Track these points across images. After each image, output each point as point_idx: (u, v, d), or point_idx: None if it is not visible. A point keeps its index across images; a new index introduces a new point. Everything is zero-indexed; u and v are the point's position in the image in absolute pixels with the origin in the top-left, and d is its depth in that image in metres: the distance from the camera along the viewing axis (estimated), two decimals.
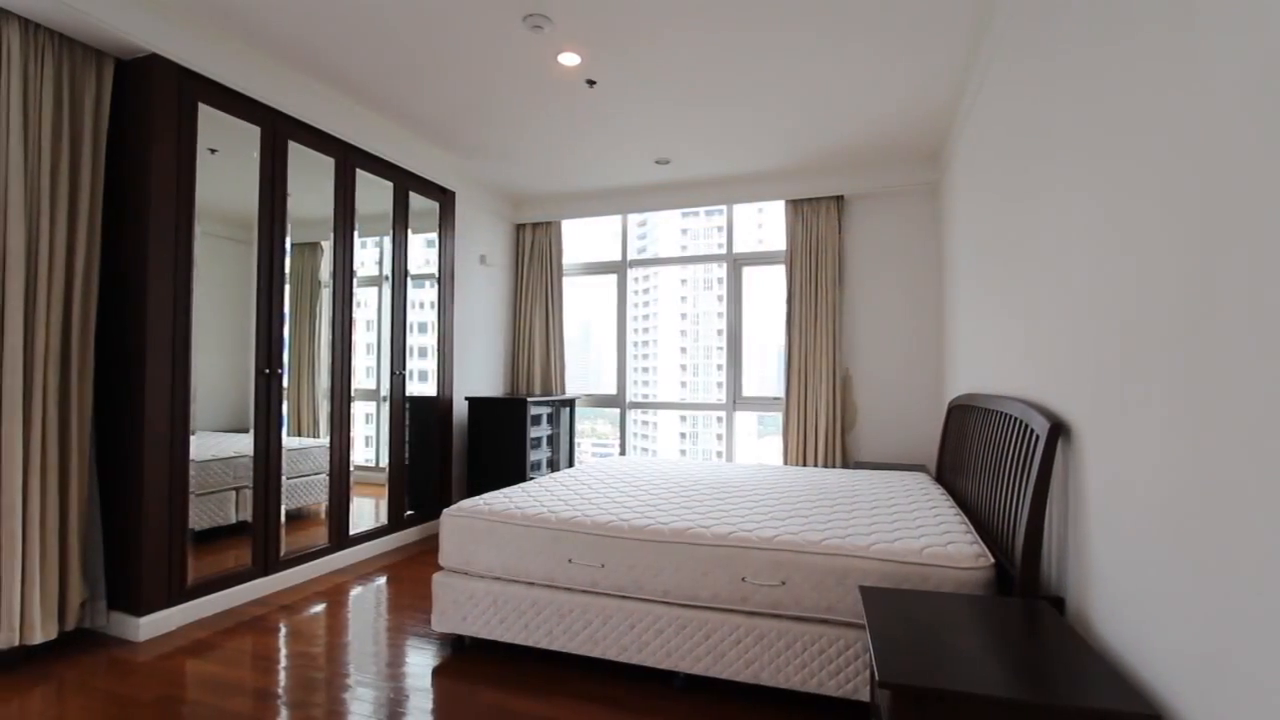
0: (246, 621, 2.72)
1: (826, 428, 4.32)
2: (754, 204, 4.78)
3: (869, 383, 4.44)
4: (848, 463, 4.41)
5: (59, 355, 2.38)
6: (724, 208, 4.93)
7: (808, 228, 4.47)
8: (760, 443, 5.26)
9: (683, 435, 6.18)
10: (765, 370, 5.25)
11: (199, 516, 2.77)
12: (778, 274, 4.76)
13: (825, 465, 4.32)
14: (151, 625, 2.54)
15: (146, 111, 2.55)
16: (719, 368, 5.24)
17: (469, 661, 2.37)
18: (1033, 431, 1.81)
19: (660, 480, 3.06)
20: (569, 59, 2.88)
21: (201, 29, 2.68)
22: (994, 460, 2.21)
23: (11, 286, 2.23)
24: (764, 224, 5.27)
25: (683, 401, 5.71)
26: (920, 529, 2.14)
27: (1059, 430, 1.67)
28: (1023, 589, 1.66)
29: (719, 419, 5.06)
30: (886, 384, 4.40)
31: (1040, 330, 1.96)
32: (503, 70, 3.02)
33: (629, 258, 5.34)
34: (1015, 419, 2.02)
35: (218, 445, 2.92)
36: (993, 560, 1.86)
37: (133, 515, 2.53)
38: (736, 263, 4.91)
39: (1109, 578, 1.42)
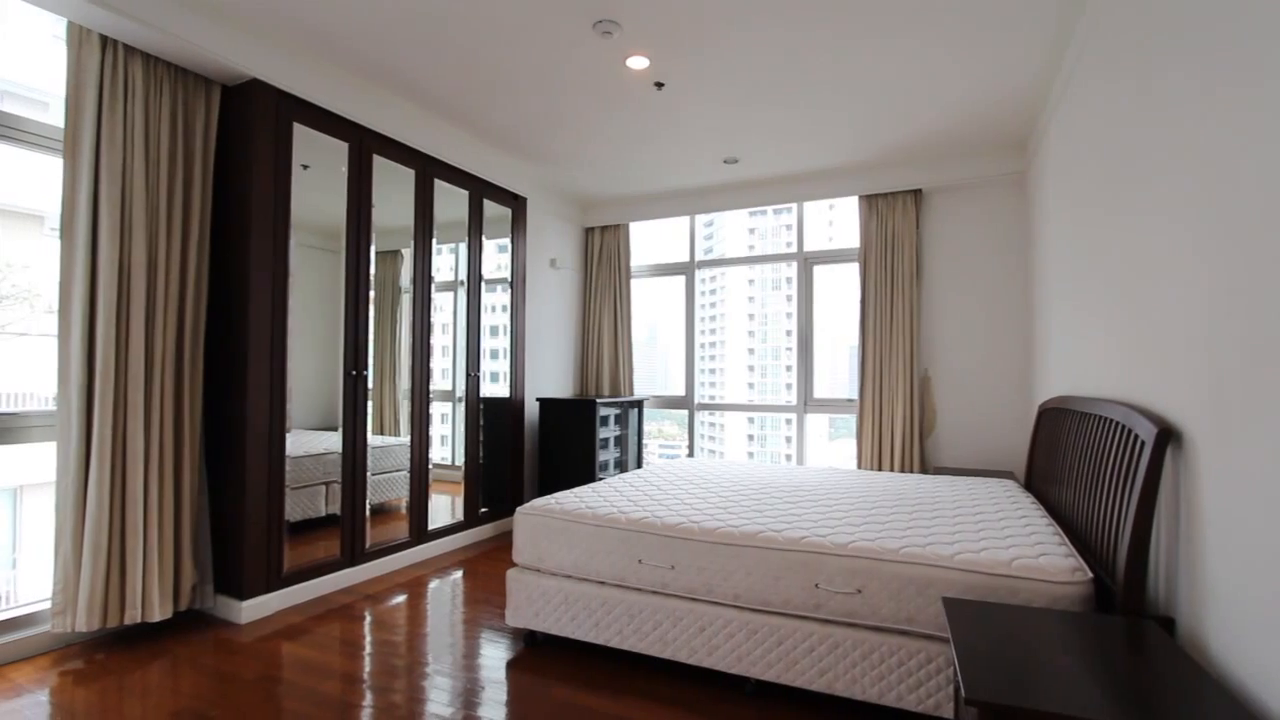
0: (335, 609, 2.88)
1: (903, 431, 4.15)
2: (825, 201, 4.66)
3: (950, 384, 4.24)
4: (926, 468, 4.22)
5: (174, 359, 2.61)
6: (793, 206, 4.83)
7: (883, 223, 4.31)
8: (832, 446, 5.12)
9: (750, 437, 6.09)
10: (836, 371, 5.11)
11: (293, 509, 2.95)
12: (850, 272, 4.62)
13: (902, 470, 4.15)
14: (252, 609, 2.73)
15: (248, 132, 2.76)
16: (788, 369, 5.14)
17: (541, 656, 2.42)
18: (1137, 437, 1.68)
19: (730, 482, 3.03)
20: (637, 62, 2.91)
21: (297, 53, 2.87)
22: (1092, 467, 2.06)
23: (135, 297, 2.46)
24: (835, 221, 5.14)
25: (751, 403, 5.64)
26: (1009, 539, 2.02)
27: (1167, 436, 1.54)
28: (1126, 607, 1.53)
29: (788, 421, 4.96)
30: (969, 385, 4.18)
31: (1148, 330, 1.81)
32: (572, 77, 3.07)
33: (697, 259, 5.31)
34: (1116, 423, 1.88)
35: (309, 442, 3.11)
36: (1091, 575, 1.73)
37: (236, 506, 2.74)
38: (807, 261, 4.80)
39: (1230, 599, 1.29)
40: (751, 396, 6.26)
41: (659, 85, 3.13)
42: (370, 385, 3.32)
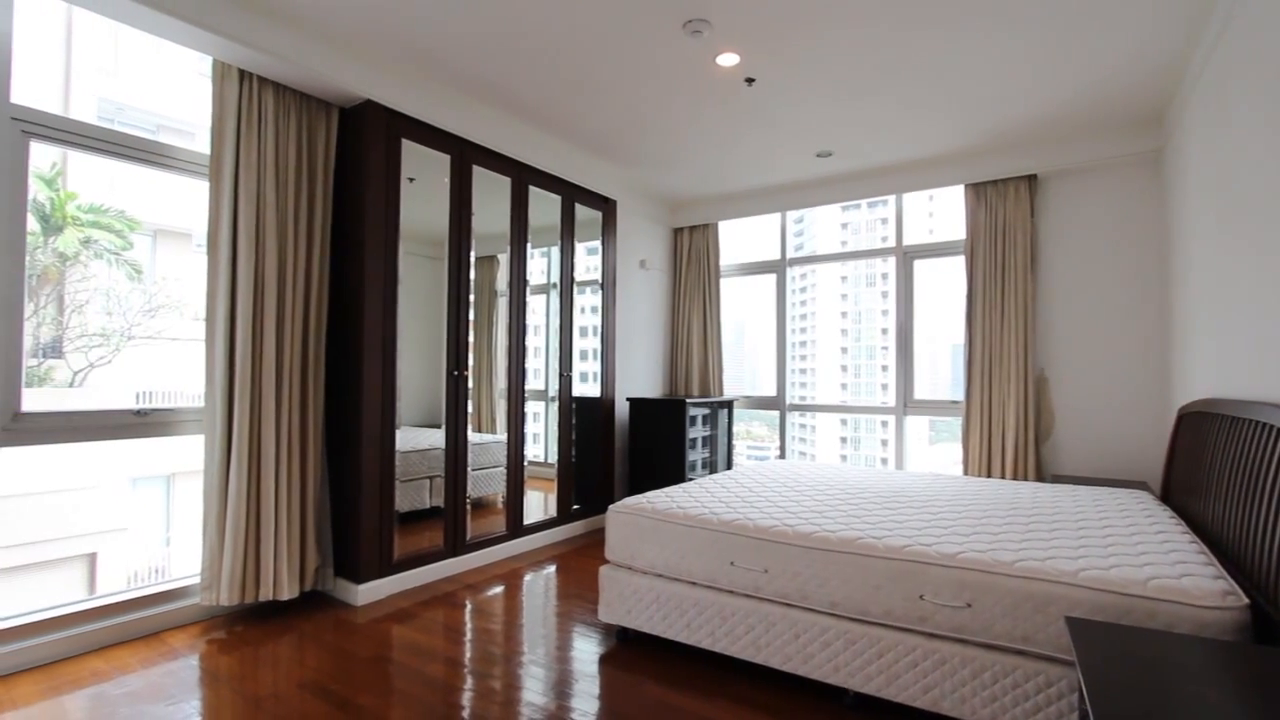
0: (439, 596, 3.04)
1: (1016, 435, 3.86)
2: (925, 192, 4.42)
3: (1070, 385, 3.89)
4: (1043, 475, 3.90)
5: (300, 361, 2.85)
6: (889, 199, 4.61)
7: (992, 213, 4.03)
8: (933, 450, 4.84)
9: (843, 440, 5.87)
10: (937, 371, 4.83)
11: (401, 501, 3.15)
12: (952, 266, 4.35)
13: (1015, 478, 3.85)
14: (367, 592, 2.94)
15: (362, 151, 2.97)
16: (883, 369, 4.92)
17: (633, 653, 2.44)
18: None
19: (824, 486, 2.94)
20: (727, 59, 2.88)
21: (406, 74, 3.06)
22: (1247, 478, 1.82)
23: (267, 305, 2.71)
24: (936, 212, 4.86)
25: (844, 404, 5.44)
26: (1143, 556, 1.83)
27: None
28: None
29: (884, 423, 4.74)
30: (1093, 386, 3.82)
31: None
32: (662, 79, 3.09)
33: (788, 256, 5.19)
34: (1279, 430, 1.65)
35: (415, 439, 3.31)
36: (1246, 600, 1.53)
37: (353, 497, 2.95)
38: (907, 256, 4.56)
39: None
40: (844, 397, 6.02)
41: (749, 81, 3.08)
42: (470, 385, 3.49)
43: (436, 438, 3.36)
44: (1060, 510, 2.45)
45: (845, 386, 6.52)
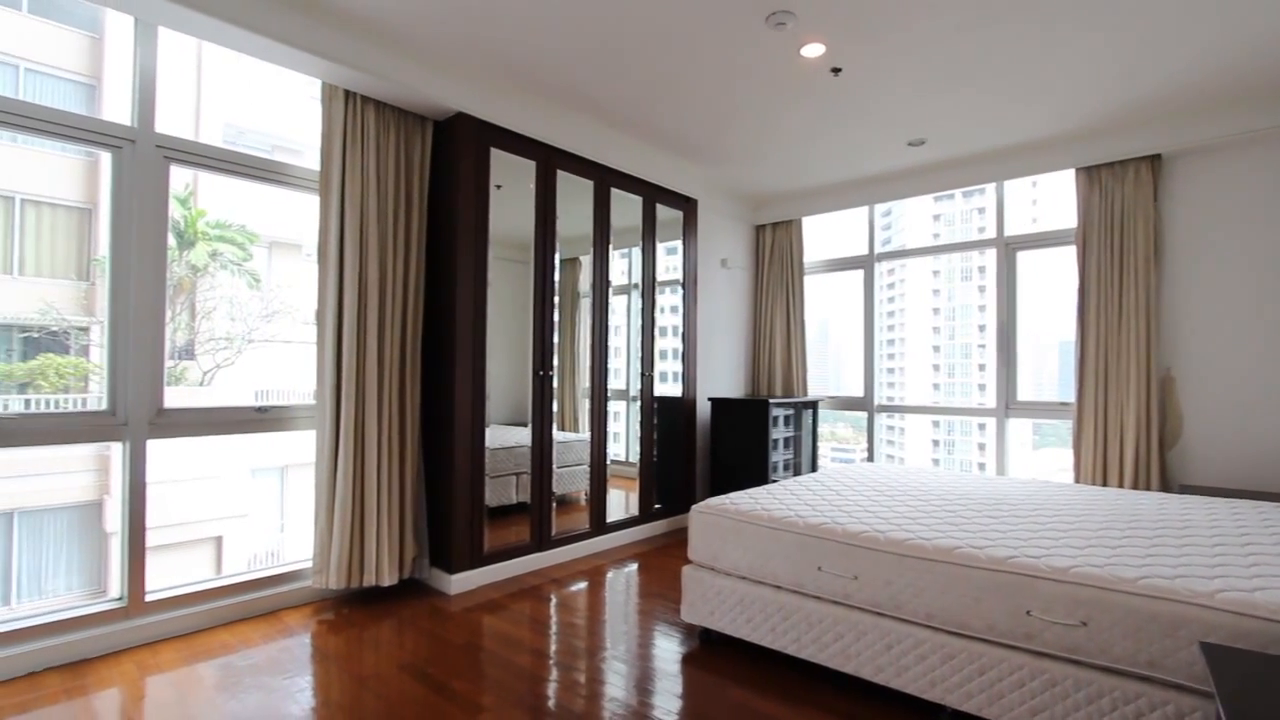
0: (526, 589, 3.14)
1: (1137, 441, 3.52)
2: (1029, 178, 4.12)
3: (1202, 386, 3.51)
4: (1169, 485, 3.55)
5: (398, 362, 3.02)
6: (987, 187, 4.33)
7: (1107, 198, 3.70)
8: (1036, 455, 4.51)
9: (935, 443, 5.57)
10: (1041, 371, 4.49)
11: (490, 496, 3.27)
12: (1060, 257, 4.03)
13: (1135, 487, 3.52)
14: (460, 582, 3.07)
15: (454, 161, 3.11)
16: (980, 368, 4.63)
17: (716, 655, 2.42)
18: None
19: (917, 491, 2.80)
20: (812, 50, 2.80)
21: (495, 85, 3.18)
22: None
23: (369, 310, 2.89)
24: (1040, 200, 4.52)
25: (937, 405, 5.16)
26: None
27: None
28: None
29: (981, 426, 4.46)
30: (1230, 388, 3.43)
31: None
32: (744, 74, 3.04)
33: (876, 251, 4.98)
34: None
35: (503, 436, 3.43)
36: None
37: (446, 491, 3.10)
38: (1009, 247, 4.27)
39: None
40: (936, 398, 5.71)
41: (836, 71, 2.98)
42: (554, 384, 3.57)
43: (523, 435, 3.47)
44: (1191, 524, 2.22)
45: (937, 387, 6.19)
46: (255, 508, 6.40)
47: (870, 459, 4.91)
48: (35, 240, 5.61)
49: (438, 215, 3.20)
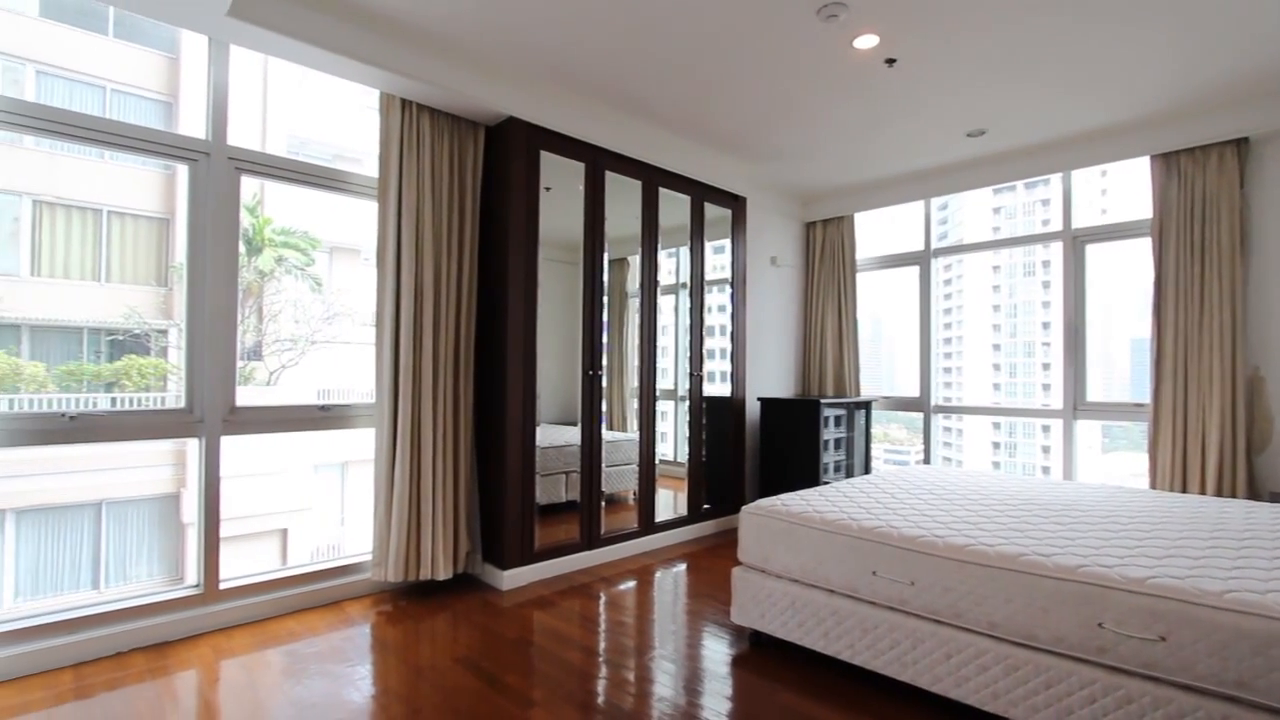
0: (575, 587, 3.17)
1: (1221, 444, 3.30)
2: (1097, 167, 3.91)
3: None
4: (1258, 493, 3.31)
5: (452, 362, 3.09)
6: (1052, 178, 4.13)
7: (1187, 186, 3.48)
8: (1106, 459, 4.28)
9: (996, 445, 5.36)
10: (1113, 370, 4.27)
11: (540, 494, 3.32)
12: (1134, 250, 3.81)
13: (1219, 494, 3.30)
14: (511, 578, 3.13)
15: (505, 165, 3.17)
16: (1044, 367, 4.42)
17: (766, 658, 2.39)
18: None
19: (977, 495, 2.70)
20: (866, 41, 2.73)
21: (544, 90, 3.22)
22: None
23: (425, 311, 2.97)
24: (1110, 189, 4.29)
25: (998, 406, 4.96)
26: None
27: None
28: None
29: (1045, 428, 4.26)
30: None
31: None
32: (795, 68, 2.99)
33: (932, 246, 4.82)
34: None
35: (553, 435, 3.47)
36: None
37: (498, 488, 3.16)
38: (1077, 240, 4.06)
39: None
40: (997, 399, 5.50)
41: (890, 62, 2.90)
42: (604, 384, 3.60)
43: (572, 435, 3.51)
44: None
45: (998, 387, 5.95)
46: (317, 502, 6.68)
47: (926, 461, 4.76)
48: (120, 249, 6.02)
49: (489, 218, 3.26)
